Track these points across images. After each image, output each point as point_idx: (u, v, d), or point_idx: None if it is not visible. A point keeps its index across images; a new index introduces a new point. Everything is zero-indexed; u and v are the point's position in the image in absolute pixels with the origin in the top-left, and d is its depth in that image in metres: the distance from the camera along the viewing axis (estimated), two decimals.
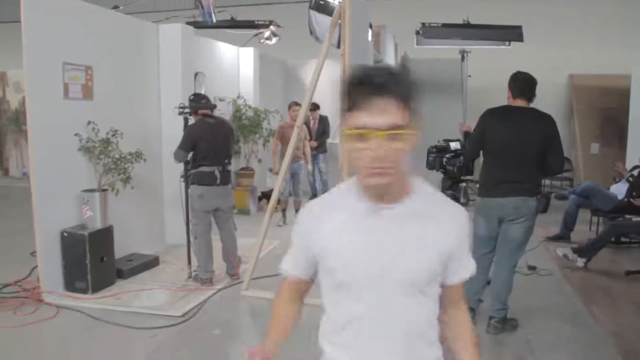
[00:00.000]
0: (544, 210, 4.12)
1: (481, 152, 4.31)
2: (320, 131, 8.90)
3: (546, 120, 4.07)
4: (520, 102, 4.11)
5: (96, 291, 4.96)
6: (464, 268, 1.49)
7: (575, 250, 6.00)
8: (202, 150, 5.10)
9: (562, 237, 6.94)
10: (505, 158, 4.05)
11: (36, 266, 5.04)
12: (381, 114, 1.20)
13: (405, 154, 1.25)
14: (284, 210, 7.95)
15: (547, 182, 10.20)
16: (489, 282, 4.37)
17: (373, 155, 1.21)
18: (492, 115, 4.22)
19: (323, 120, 8.94)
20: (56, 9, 5.03)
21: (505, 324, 4.23)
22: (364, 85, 1.21)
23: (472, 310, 4.35)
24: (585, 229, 7.14)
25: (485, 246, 4.25)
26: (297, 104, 7.50)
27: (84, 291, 4.92)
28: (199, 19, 8.46)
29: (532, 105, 4.14)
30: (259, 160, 9.37)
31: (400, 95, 1.21)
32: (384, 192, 1.33)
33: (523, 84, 4.12)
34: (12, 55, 8.47)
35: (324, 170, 8.83)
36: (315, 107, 8.64)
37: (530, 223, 4.08)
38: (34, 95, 4.79)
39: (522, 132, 4.00)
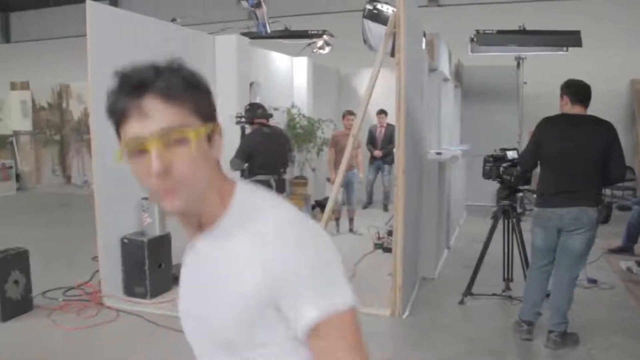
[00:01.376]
0: (605, 221, 3.97)
1: (539, 161, 4.22)
2: (387, 139, 8.82)
3: (606, 127, 3.96)
4: (578, 109, 4.02)
5: (154, 296, 5.08)
6: (301, 309, 0.95)
7: None
8: (258, 159, 5.17)
9: (625, 249, 6.68)
10: (564, 167, 3.97)
11: (97, 271, 5.22)
12: (148, 117, 0.95)
13: (199, 162, 0.98)
14: (337, 219, 7.96)
15: (608, 191, 9.87)
16: (548, 295, 4.26)
17: (153, 172, 0.94)
18: (549, 124, 4.14)
19: (390, 128, 8.74)
20: (119, 23, 5.22)
21: (565, 338, 4.10)
22: (123, 88, 0.98)
23: (531, 324, 4.24)
24: None
25: (543, 257, 4.16)
26: (351, 112, 7.51)
27: (142, 296, 5.04)
28: (254, 29, 8.60)
29: (589, 111, 4.04)
30: (313, 169, 9.42)
31: (168, 89, 0.97)
32: (189, 220, 1.08)
33: (580, 89, 4.04)
34: (75, 69, 8.82)
35: (388, 183, 8.72)
36: (383, 112, 8.58)
37: (590, 234, 3.95)
38: (97, 106, 4.97)
39: (580, 140, 3.91)
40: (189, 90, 1.01)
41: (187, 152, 0.97)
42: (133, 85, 0.97)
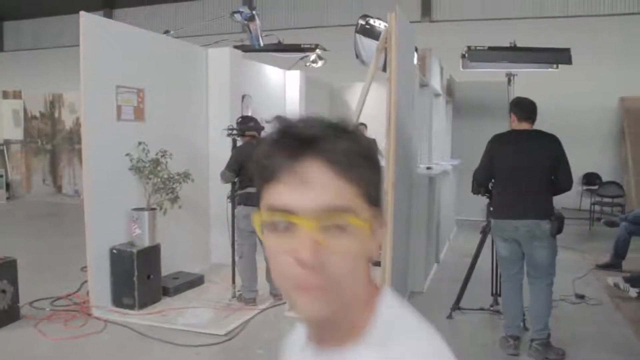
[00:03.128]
0: (559, 231, 4.13)
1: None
2: None
3: (551, 140, 4.20)
4: (525, 125, 4.26)
5: (142, 307, 5.06)
6: None
7: (627, 280, 5.80)
8: (249, 172, 5.16)
9: (613, 265, 6.72)
10: (515, 181, 4.18)
11: (86, 281, 5.20)
12: (308, 186, 0.74)
13: (359, 259, 0.77)
14: None
15: (597, 208, 9.94)
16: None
17: (298, 258, 0.73)
18: (499, 140, 4.40)
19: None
20: (112, 34, 5.26)
21: (549, 349, 4.13)
22: (285, 141, 0.77)
23: (517, 339, 4.28)
24: (638, 257, 6.91)
25: (511, 267, 4.32)
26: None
27: (130, 307, 5.03)
28: (247, 42, 8.64)
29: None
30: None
31: (342, 156, 0.75)
32: (322, 329, 0.83)
33: (525, 107, 4.31)
34: (68, 78, 8.85)
35: None
36: (362, 125, 8.65)
37: (548, 244, 4.13)
38: (89, 116, 4.98)
39: (528, 154, 4.14)
40: (364, 162, 0.78)
41: (349, 243, 0.75)
42: (297, 139, 0.76)
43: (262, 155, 0.81)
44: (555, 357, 4.13)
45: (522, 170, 4.13)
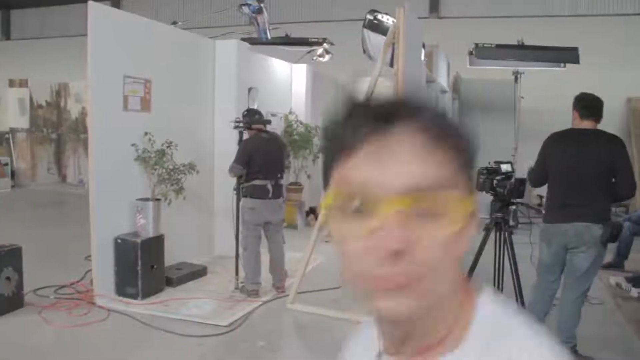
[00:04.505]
0: (612, 240, 3.89)
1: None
2: None
3: (613, 141, 3.90)
4: (587, 124, 3.97)
5: (146, 297, 5.09)
6: None
7: (629, 280, 5.81)
8: (256, 164, 5.19)
9: (616, 265, 6.72)
10: (569, 182, 3.90)
11: (90, 270, 5.22)
12: (395, 157, 0.62)
13: (452, 249, 0.64)
14: None
15: None
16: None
17: (380, 247, 0.60)
18: (555, 139, 4.09)
19: None
20: (120, 24, 5.26)
21: (576, 356, 3.99)
22: (364, 111, 0.65)
23: None
24: None
25: (548, 273, 4.10)
26: None
27: (134, 296, 5.05)
28: (254, 35, 8.64)
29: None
30: (308, 176, 9.44)
31: (438, 124, 0.64)
32: (406, 336, 0.69)
33: (589, 103, 4.00)
34: (74, 68, 8.85)
35: None
36: None
37: (595, 251, 3.84)
38: (95, 106, 4.99)
39: (586, 155, 3.85)
40: (460, 137, 0.67)
41: (442, 230, 0.62)
42: (384, 112, 0.64)
43: (331, 130, 0.68)
44: None
45: (578, 170, 3.85)
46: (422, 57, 6.37)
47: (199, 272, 5.90)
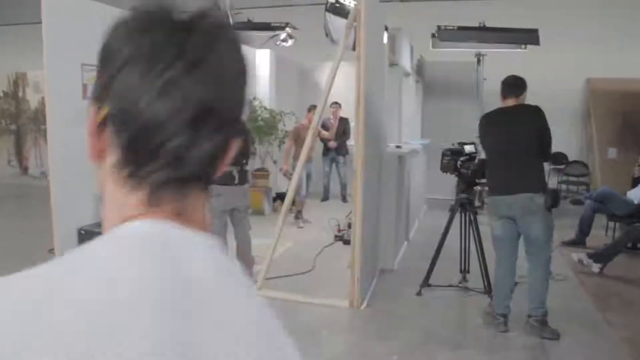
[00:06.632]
0: (554, 205, 4.15)
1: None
2: (340, 132, 8.90)
3: (533, 112, 4.22)
4: (510, 102, 4.30)
5: None
6: None
7: (590, 256, 5.95)
8: None
9: (578, 242, 6.90)
10: (503, 159, 4.24)
11: None
12: None
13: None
14: (299, 212, 7.97)
15: (563, 187, 10.15)
16: (516, 284, 4.38)
17: None
18: (486, 120, 4.51)
19: (344, 121, 8.90)
20: (76, 10, 5.11)
21: (545, 327, 4.18)
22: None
23: (504, 317, 4.31)
24: (601, 234, 7.09)
25: (504, 246, 4.29)
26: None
27: None
28: None
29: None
30: (274, 162, 9.41)
31: None
32: None
33: (508, 82, 4.37)
34: (32, 56, 8.57)
35: (343, 174, 8.80)
36: (336, 104, 8.67)
37: (543, 218, 4.11)
38: (53, 95, 4.87)
39: (513, 130, 4.20)
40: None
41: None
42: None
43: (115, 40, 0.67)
44: (550, 337, 4.16)
45: (509, 146, 4.19)
46: (385, 41, 6.37)
47: None
